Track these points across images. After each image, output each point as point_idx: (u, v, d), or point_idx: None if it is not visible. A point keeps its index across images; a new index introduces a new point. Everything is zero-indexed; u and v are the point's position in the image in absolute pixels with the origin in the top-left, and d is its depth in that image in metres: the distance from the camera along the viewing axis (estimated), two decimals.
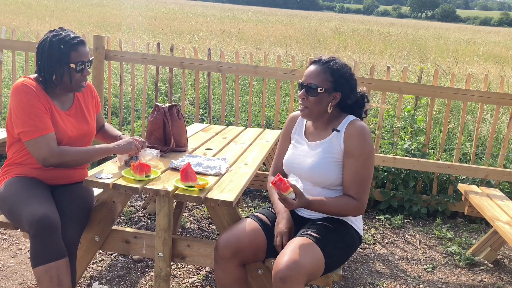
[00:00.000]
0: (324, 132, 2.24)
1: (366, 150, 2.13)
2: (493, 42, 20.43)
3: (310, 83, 2.15)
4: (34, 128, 2.19)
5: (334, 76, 2.15)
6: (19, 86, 2.22)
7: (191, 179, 2.16)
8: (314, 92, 2.15)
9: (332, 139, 2.19)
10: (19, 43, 4.79)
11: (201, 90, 5.95)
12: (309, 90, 2.15)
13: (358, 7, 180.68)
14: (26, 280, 2.76)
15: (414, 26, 36.92)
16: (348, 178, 2.14)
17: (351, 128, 2.16)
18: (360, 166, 2.12)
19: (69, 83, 2.28)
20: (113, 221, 2.39)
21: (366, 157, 2.13)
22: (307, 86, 2.16)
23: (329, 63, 2.17)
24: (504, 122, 5.25)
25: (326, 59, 2.19)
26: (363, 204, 2.14)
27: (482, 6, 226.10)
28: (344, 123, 2.20)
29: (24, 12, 17.43)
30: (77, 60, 2.25)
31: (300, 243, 1.99)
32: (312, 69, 2.19)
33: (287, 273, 1.87)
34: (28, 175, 2.34)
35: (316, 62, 2.20)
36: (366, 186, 2.15)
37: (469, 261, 3.40)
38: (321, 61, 2.18)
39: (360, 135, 2.13)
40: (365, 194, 2.15)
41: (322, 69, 2.16)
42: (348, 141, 2.15)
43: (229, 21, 22.79)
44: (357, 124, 2.17)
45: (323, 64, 2.17)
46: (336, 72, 2.16)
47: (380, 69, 7.75)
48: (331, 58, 2.20)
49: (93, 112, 2.54)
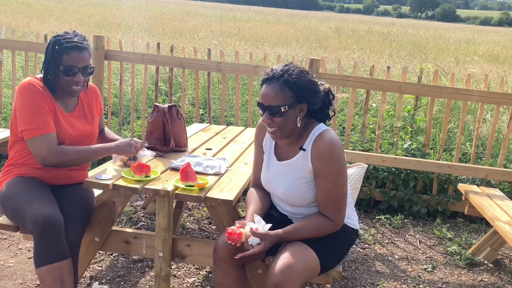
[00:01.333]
0: (293, 149, 2.12)
1: (334, 169, 2.00)
2: (493, 42, 20.43)
3: (271, 104, 1.98)
4: (36, 126, 2.20)
5: (293, 90, 1.98)
6: (26, 84, 2.24)
7: (191, 178, 2.16)
8: (278, 112, 1.98)
9: (300, 159, 2.08)
10: (19, 43, 4.79)
11: (201, 90, 5.94)
12: (273, 111, 1.99)
13: (358, 7, 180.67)
14: (26, 280, 2.76)
15: (414, 26, 36.90)
16: (320, 198, 2.05)
17: (317, 145, 2.03)
18: (330, 185, 2.02)
19: (58, 84, 2.29)
20: (113, 221, 2.39)
21: (334, 177, 2.01)
22: (269, 107, 1.99)
23: (284, 77, 1.98)
24: (504, 122, 5.25)
25: (280, 73, 1.99)
26: (339, 221, 2.06)
27: (482, 6, 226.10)
28: (311, 139, 2.06)
29: (24, 12, 17.43)
30: (67, 64, 2.25)
31: (292, 247, 1.98)
32: (268, 89, 2.00)
33: (281, 278, 1.86)
34: (29, 175, 2.34)
35: (271, 80, 2.00)
36: (340, 203, 2.05)
37: (469, 261, 3.40)
38: (275, 77, 1.99)
39: (327, 153, 2.00)
40: (340, 211, 2.05)
41: (278, 86, 1.98)
42: (315, 161, 2.03)
43: (229, 21, 22.78)
44: (324, 139, 2.03)
45: (278, 80, 1.98)
46: (294, 85, 1.98)
47: (380, 69, 7.75)
48: (284, 68, 2.02)
49: (96, 115, 2.55)
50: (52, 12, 18.03)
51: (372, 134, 4.69)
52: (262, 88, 2.03)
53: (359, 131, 4.73)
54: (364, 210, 4.21)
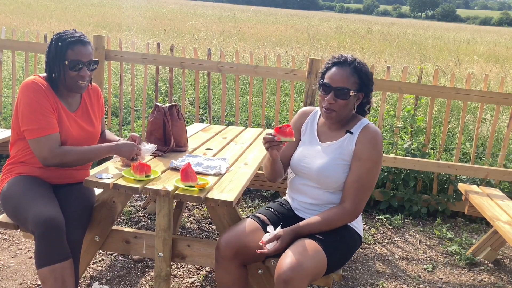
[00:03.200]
0: (337, 133, 2.21)
1: (374, 157, 2.11)
2: (493, 42, 20.43)
3: (340, 86, 2.10)
4: (38, 126, 2.19)
5: (361, 77, 2.13)
6: (29, 83, 2.23)
7: (191, 179, 2.16)
8: (345, 95, 2.10)
9: (345, 141, 2.17)
10: (19, 43, 4.79)
11: (201, 90, 5.94)
12: (340, 93, 2.10)
13: (358, 7, 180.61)
14: (26, 280, 2.76)
15: (414, 26, 36.91)
16: (350, 180, 2.12)
17: (365, 132, 2.15)
18: (364, 170, 2.11)
19: (64, 81, 2.28)
20: (113, 221, 2.39)
21: (372, 164, 2.11)
22: (337, 89, 2.10)
23: (355, 64, 2.14)
24: (504, 122, 5.25)
25: (352, 59, 2.15)
26: (357, 209, 2.12)
27: (482, 5, 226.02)
28: (359, 126, 2.18)
29: (24, 12, 17.43)
30: (71, 58, 2.25)
31: (303, 244, 1.99)
32: (339, 71, 2.12)
33: (290, 275, 1.86)
34: (31, 174, 2.34)
35: (342, 64, 2.14)
36: (365, 192, 2.12)
37: (469, 261, 3.40)
38: (347, 62, 2.14)
39: (373, 141, 2.12)
40: (362, 200, 2.12)
41: (350, 71, 2.12)
42: (360, 145, 2.13)
43: (229, 21, 22.79)
44: (372, 129, 2.16)
45: (350, 65, 2.13)
46: (363, 73, 2.14)
47: (380, 69, 7.75)
48: (353, 57, 2.16)
49: (98, 115, 2.55)
50: (52, 12, 18.04)
51: None
52: (332, 70, 2.14)
53: None
54: (364, 210, 4.19)
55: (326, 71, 2.18)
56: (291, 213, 2.34)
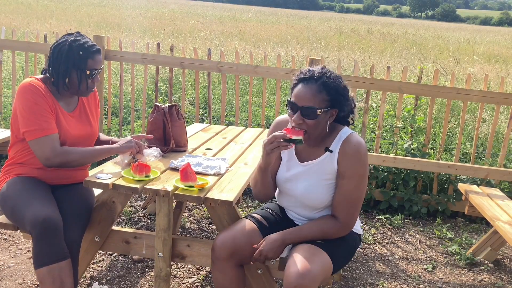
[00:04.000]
0: (315, 150, 2.08)
1: (360, 171, 2.01)
2: (493, 42, 20.43)
3: (307, 105, 1.93)
4: (38, 127, 2.20)
5: (330, 93, 1.96)
6: (27, 85, 2.23)
7: (190, 179, 2.16)
8: (313, 115, 1.94)
9: (325, 160, 2.06)
10: (19, 43, 4.79)
11: (201, 90, 5.94)
12: (307, 113, 1.94)
13: (358, 7, 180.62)
14: (26, 281, 2.76)
15: (414, 25, 36.91)
16: (338, 198, 2.04)
17: (346, 147, 2.01)
18: (352, 187, 2.01)
19: (78, 88, 2.33)
20: (113, 221, 2.39)
21: (359, 179, 2.01)
22: (304, 108, 1.94)
23: (322, 79, 1.95)
24: (504, 122, 5.24)
25: (319, 74, 1.96)
26: (349, 225, 2.06)
27: (482, 5, 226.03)
28: (338, 141, 2.05)
29: (24, 12, 17.43)
30: (92, 67, 2.30)
31: (307, 250, 1.97)
32: (305, 89, 1.95)
33: (301, 282, 1.84)
34: (29, 175, 2.34)
35: (308, 80, 1.96)
36: (356, 207, 2.05)
37: (469, 261, 3.40)
38: (314, 78, 1.96)
39: (355, 155, 2.00)
40: (353, 216, 2.05)
41: (317, 87, 1.94)
42: (343, 162, 2.01)
43: (229, 21, 22.80)
44: (352, 142, 2.02)
45: (317, 81, 1.95)
46: (333, 89, 1.96)
47: (380, 69, 7.75)
48: (322, 71, 1.99)
49: (96, 115, 2.56)
50: (52, 12, 18.04)
51: (372, 134, 4.69)
52: (298, 88, 1.97)
53: (359, 131, 4.72)
54: (364, 210, 4.21)
55: (293, 88, 2.01)
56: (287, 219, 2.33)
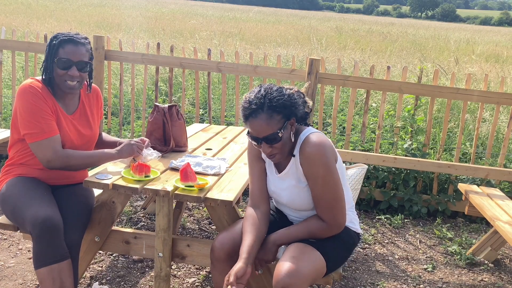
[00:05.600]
0: (286, 159, 2.10)
1: (321, 172, 1.97)
2: (493, 42, 20.42)
3: (266, 135, 1.93)
4: (39, 130, 2.19)
5: (280, 112, 1.93)
6: (26, 87, 2.23)
7: (190, 179, 2.16)
8: (276, 139, 1.94)
9: (293, 166, 2.07)
10: (19, 43, 4.79)
11: (201, 90, 5.94)
12: (271, 140, 1.94)
13: (358, 7, 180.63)
14: (27, 281, 2.76)
15: (414, 25, 36.92)
16: (314, 200, 2.05)
17: (303, 150, 2.00)
18: (319, 188, 1.99)
19: (54, 80, 2.29)
20: (113, 221, 2.39)
21: (322, 180, 1.98)
22: (265, 138, 1.94)
23: (266, 104, 1.92)
24: (504, 122, 5.24)
25: (260, 102, 1.92)
26: (336, 224, 2.02)
27: (482, 5, 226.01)
28: (298, 143, 2.04)
29: (24, 12, 17.44)
30: (61, 56, 2.25)
31: (299, 249, 1.97)
32: (257, 121, 1.92)
33: (289, 281, 1.84)
34: (29, 175, 2.34)
35: (255, 112, 1.92)
36: (333, 206, 2.01)
37: (470, 260, 3.40)
38: (258, 108, 1.92)
39: (311, 156, 1.97)
40: (336, 214, 2.01)
41: (266, 115, 1.92)
42: (304, 166, 2.01)
43: (229, 21, 22.80)
44: (310, 143, 1.98)
45: (262, 109, 1.92)
46: (280, 105, 1.93)
47: (380, 69, 7.75)
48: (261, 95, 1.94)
49: (97, 117, 2.54)
50: (52, 13, 18.03)
51: (372, 134, 4.69)
52: (249, 123, 1.95)
53: (359, 131, 4.72)
54: (364, 210, 4.21)
55: (245, 122, 1.98)
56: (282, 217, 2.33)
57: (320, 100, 4.41)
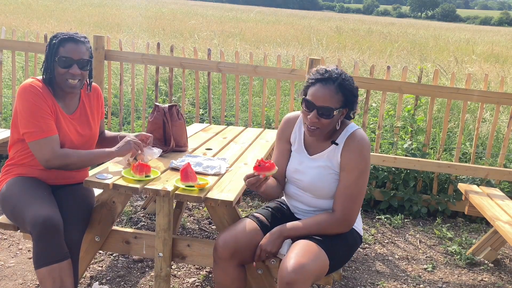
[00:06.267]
0: (323, 144, 2.18)
1: (361, 166, 2.08)
2: (493, 42, 20.43)
3: (324, 106, 2.03)
4: (38, 129, 2.19)
5: (345, 95, 2.06)
6: (27, 86, 2.23)
7: (191, 179, 2.16)
8: (329, 115, 2.04)
9: (331, 153, 2.14)
10: (19, 43, 4.79)
11: (201, 90, 5.94)
12: (323, 113, 2.03)
13: (358, 7, 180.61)
14: (27, 281, 2.76)
15: (414, 25, 36.93)
16: (338, 191, 2.11)
17: (350, 141, 2.11)
18: (351, 180, 2.08)
19: (55, 79, 2.29)
20: (113, 221, 2.39)
21: (359, 173, 2.08)
22: (321, 108, 2.03)
23: (339, 81, 2.05)
24: (504, 122, 5.24)
25: (336, 75, 2.05)
26: (348, 219, 2.09)
27: (482, 5, 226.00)
28: (344, 135, 2.14)
29: (24, 12, 17.44)
30: (61, 55, 2.26)
31: (304, 246, 1.98)
32: (323, 89, 2.04)
33: (294, 277, 1.85)
34: (30, 175, 2.34)
35: (326, 81, 2.05)
36: (355, 201, 2.09)
37: (470, 260, 3.40)
38: (332, 79, 2.05)
39: (358, 149, 2.09)
40: (352, 210, 2.09)
41: (334, 89, 2.04)
42: (345, 155, 2.10)
43: (229, 21, 22.81)
44: (357, 137, 2.11)
45: (334, 83, 2.04)
46: (348, 91, 2.07)
47: (380, 69, 7.75)
48: (338, 72, 2.07)
49: (97, 117, 2.54)
50: (52, 12, 18.04)
51: (372, 134, 4.69)
52: (315, 87, 2.06)
53: None
54: (364, 210, 4.21)
55: (309, 86, 2.09)
56: (290, 212, 2.34)
57: None
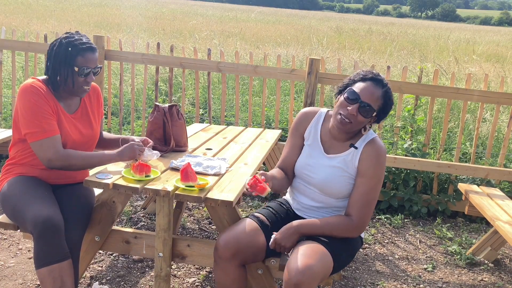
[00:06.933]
0: (341, 145, 2.21)
1: (379, 173, 2.13)
2: (493, 42, 20.42)
3: (369, 103, 2.07)
4: (40, 129, 2.19)
5: (385, 103, 2.12)
6: (28, 87, 2.23)
7: (191, 179, 2.16)
8: (368, 113, 2.09)
9: (349, 156, 2.17)
10: (19, 43, 4.79)
11: (201, 90, 5.94)
12: (364, 109, 2.07)
13: (358, 7, 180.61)
14: (27, 281, 2.76)
15: (414, 25, 36.93)
16: (355, 197, 2.13)
17: (369, 148, 2.14)
18: (369, 187, 2.12)
19: (72, 86, 2.29)
20: (113, 221, 2.39)
21: (377, 180, 2.13)
22: (364, 104, 2.07)
23: (386, 88, 2.12)
24: (504, 122, 5.24)
25: (386, 83, 2.13)
26: (362, 225, 2.13)
27: (482, 5, 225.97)
28: (363, 140, 2.17)
29: (24, 12, 17.44)
30: (82, 65, 2.26)
31: (310, 247, 1.98)
32: (373, 88, 2.09)
33: (301, 278, 1.85)
34: (30, 175, 2.34)
35: (378, 83, 2.11)
36: (370, 208, 2.14)
37: (470, 260, 3.40)
38: (382, 84, 2.11)
39: (377, 157, 2.13)
40: (367, 215, 2.13)
41: (381, 92, 2.10)
42: (364, 161, 2.14)
43: (229, 21, 22.81)
44: (376, 144, 2.15)
45: (383, 87, 2.11)
46: (390, 101, 2.13)
47: (380, 69, 7.75)
48: (386, 80, 2.15)
49: (98, 117, 2.54)
50: (52, 12, 18.04)
51: None
52: (367, 83, 2.10)
53: None
54: None
55: (357, 81, 2.13)
56: (291, 212, 2.35)
57: (320, 100, 4.41)
